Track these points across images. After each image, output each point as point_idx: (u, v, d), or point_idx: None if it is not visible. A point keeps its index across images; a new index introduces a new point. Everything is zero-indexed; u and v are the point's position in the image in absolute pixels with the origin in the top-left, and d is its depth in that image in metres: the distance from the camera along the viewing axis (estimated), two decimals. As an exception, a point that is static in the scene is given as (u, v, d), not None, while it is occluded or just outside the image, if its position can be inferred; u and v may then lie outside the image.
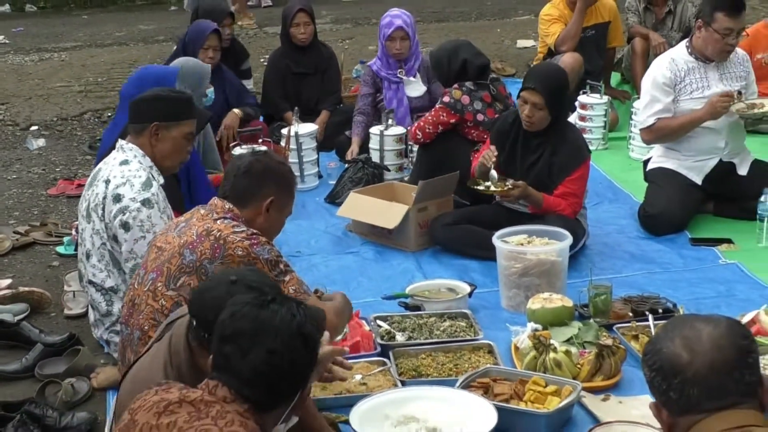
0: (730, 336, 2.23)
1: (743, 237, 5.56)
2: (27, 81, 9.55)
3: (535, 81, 5.21)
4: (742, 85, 5.78)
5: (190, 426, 2.34)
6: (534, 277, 4.74)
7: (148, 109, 4.36)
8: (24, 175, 7.32)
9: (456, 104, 5.87)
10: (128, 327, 3.72)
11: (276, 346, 2.42)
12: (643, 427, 3.73)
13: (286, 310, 2.49)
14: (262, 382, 2.42)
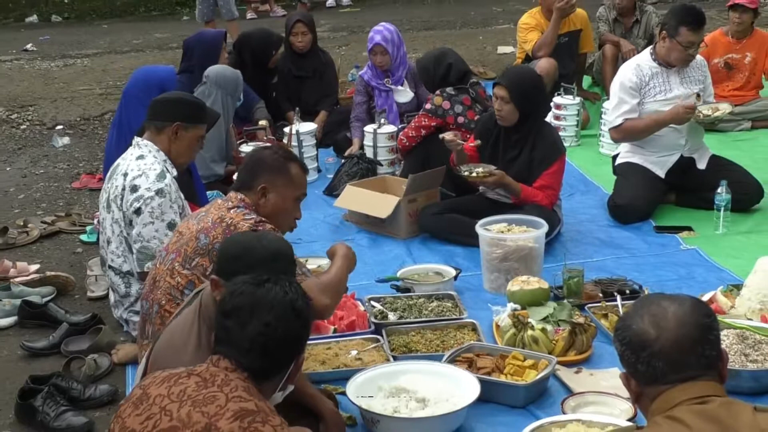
0: (694, 314, 2.23)
1: (702, 225, 5.56)
2: (53, 84, 9.53)
3: (502, 78, 5.35)
4: (700, 87, 5.79)
5: (199, 393, 2.36)
6: (513, 262, 4.74)
7: (173, 110, 4.39)
8: (50, 170, 7.31)
9: (437, 110, 5.90)
10: (148, 302, 3.72)
11: (270, 320, 2.48)
12: (611, 397, 3.74)
13: (280, 288, 2.55)
14: (259, 351, 2.47)
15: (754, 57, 7.39)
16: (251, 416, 2.31)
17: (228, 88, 5.92)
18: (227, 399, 2.34)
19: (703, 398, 2.16)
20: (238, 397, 2.35)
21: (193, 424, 2.30)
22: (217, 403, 2.33)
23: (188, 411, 2.33)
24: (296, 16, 7.63)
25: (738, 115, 7.18)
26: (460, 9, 12.02)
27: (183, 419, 2.32)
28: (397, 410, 3.58)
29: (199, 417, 2.31)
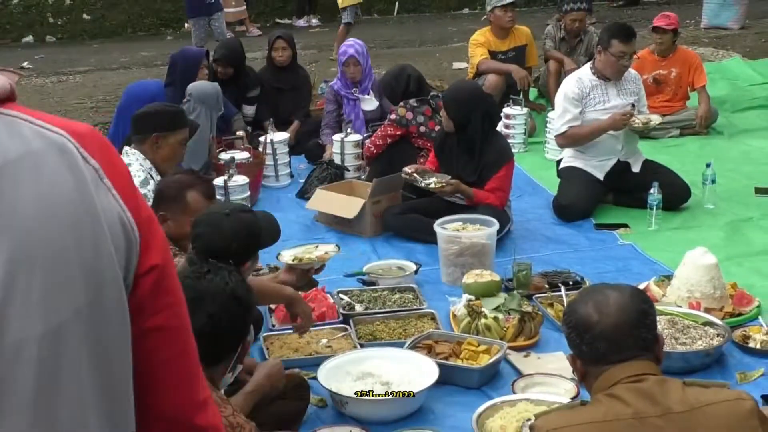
0: (633, 301, 2.25)
1: (637, 222, 5.58)
2: (47, 99, 9.43)
3: (445, 95, 5.48)
4: (635, 99, 5.83)
5: None
6: (468, 257, 4.74)
7: (149, 123, 4.37)
8: (45, 177, 7.21)
9: (401, 120, 5.92)
10: None
11: (215, 310, 2.42)
12: (557, 378, 3.76)
13: (220, 279, 2.49)
14: (206, 341, 2.35)
15: (679, 72, 7.45)
16: None
17: (210, 102, 5.87)
18: None
19: (639, 376, 2.17)
20: None
21: None
22: None
23: None
24: (277, 33, 7.64)
25: (668, 123, 7.24)
26: (419, 29, 12.04)
27: None
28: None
29: None
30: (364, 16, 12.00)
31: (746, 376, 3.84)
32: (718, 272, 4.35)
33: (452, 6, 13.11)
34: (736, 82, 8.53)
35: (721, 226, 5.55)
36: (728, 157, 6.76)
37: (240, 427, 2.28)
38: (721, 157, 6.59)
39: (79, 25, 12.68)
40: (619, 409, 2.13)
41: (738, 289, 4.45)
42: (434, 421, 3.55)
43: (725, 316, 4.21)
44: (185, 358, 1.36)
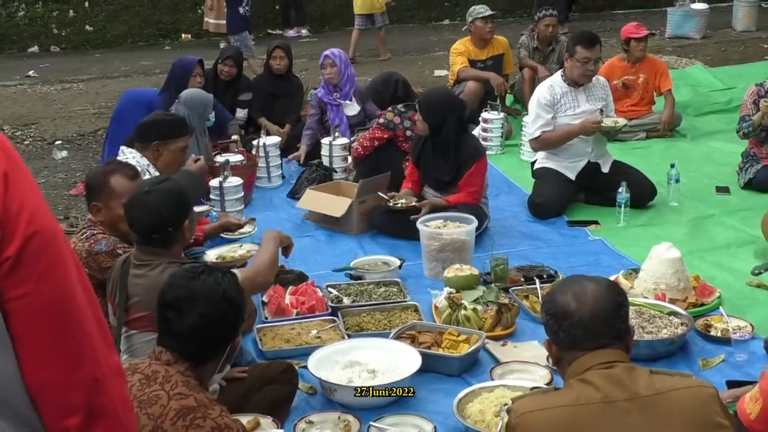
0: (609, 293, 2.26)
1: (606, 220, 5.59)
2: (52, 106, 9.39)
3: (419, 99, 5.46)
4: (603, 104, 5.84)
5: (143, 393, 2.26)
6: (449, 253, 4.74)
7: (150, 132, 4.40)
8: (50, 179, 7.19)
9: (389, 124, 5.91)
10: None
11: (207, 310, 2.39)
12: (532, 365, 3.77)
13: (213, 280, 2.45)
14: (197, 339, 2.37)
15: (646, 78, 7.47)
16: (192, 413, 2.21)
17: (197, 109, 5.77)
18: (169, 398, 2.23)
19: (610, 363, 2.18)
20: (179, 395, 2.24)
21: (141, 428, 2.20)
22: (160, 403, 2.23)
23: (136, 413, 2.21)
24: (276, 43, 7.65)
25: (635, 127, 7.28)
26: (403, 39, 12.03)
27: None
28: (351, 380, 3.58)
29: (146, 420, 2.21)
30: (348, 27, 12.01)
31: (708, 362, 3.85)
32: (681, 266, 4.37)
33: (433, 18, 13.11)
34: (698, 88, 8.57)
35: (685, 222, 5.57)
36: (691, 158, 6.79)
37: (227, 428, 2.24)
38: (684, 158, 6.62)
39: (81, 36, 12.61)
40: (590, 393, 2.14)
41: (700, 281, 4.47)
42: (417, 406, 3.55)
43: (688, 307, 4.23)
44: (55, 335, 1.38)
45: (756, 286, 4.53)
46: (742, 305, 4.36)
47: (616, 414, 2.10)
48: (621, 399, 2.12)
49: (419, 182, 5.46)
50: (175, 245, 3.11)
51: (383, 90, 6.09)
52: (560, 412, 2.13)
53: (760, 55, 9.50)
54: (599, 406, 2.11)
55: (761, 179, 6.02)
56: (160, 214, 3.00)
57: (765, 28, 10.44)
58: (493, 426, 3.19)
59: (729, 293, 4.47)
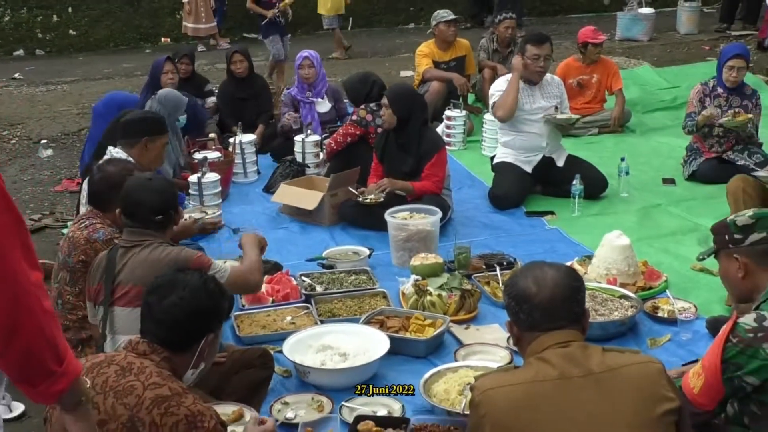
0: (567, 278, 2.27)
1: (562, 210, 5.62)
2: (38, 106, 9.25)
3: (386, 91, 5.45)
4: (558, 101, 5.86)
5: (119, 383, 2.22)
6: (415, 242, 4.74)
7: (139, 128, 4.30)
8: (36, 176, 7.09)
9: (362, 121, 5.89)
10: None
11: (185, 295, 2.38)
12: (493, 347, 3.78)
13: (198, 274, 2.50)
14: (171, 322, 2.36)
15: (599, 78, 7.51)
16: (166, 401, 2.18)
17: (168, 107, 5.65)
18: (144, 387, 2.20)
19: (566, 343, 2.19)
20: (154, 384, 2.21)
21: (118, 417, 2.17)
22: (136, 393, 2.19)
23: (112, 403, 2.19)
24: (234, 48, 7.63)
25: (588, 123, 7.32)
26: (371, 41, 12.00)
27: (109, 412, 2.18)
28: (324, 363, 3.58)
29: (122, 410, 2.18)
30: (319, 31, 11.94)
31: (656, 341, 3.89)
32: (631, 252, 4.40)
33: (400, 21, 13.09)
34: (646, 86, 8.62)
35: (634, 212, 5.61)
36: (640, 152, 6.84)
37: (200, 414, 2.21)
38: (633, 152, 6.67)
39: (66, 39, 12.44)
40: (547, 370, 2.15)
41: (648, 266, 4.51)
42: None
43: (638, 290, 4.27)
44: None
45: (699, 270, 4.58)
46: (686, 288, 4.41)
47: (571, 389, 2.12)
48: (576, 375, 2.13)
49: (384, 176, 5.44)
50: (169, 229, 3.22)
51: (360, 88, 6.07)
52: (520, 389, 2.14)
53: (702, 56, 9.58)
54: (556, 383, 2.13)
55: (704, 171, 6.08)
56: (163, 196, 3.16)
57: (706, 31, 10.54)
58: (458, 404, 3.20)
59: (675, 277, 4.52)
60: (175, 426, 2.17)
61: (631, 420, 2.10)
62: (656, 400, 2.13)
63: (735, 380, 2.57)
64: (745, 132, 6.02)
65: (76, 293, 3.53)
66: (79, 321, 3.54)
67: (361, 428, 3.07)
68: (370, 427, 3.07)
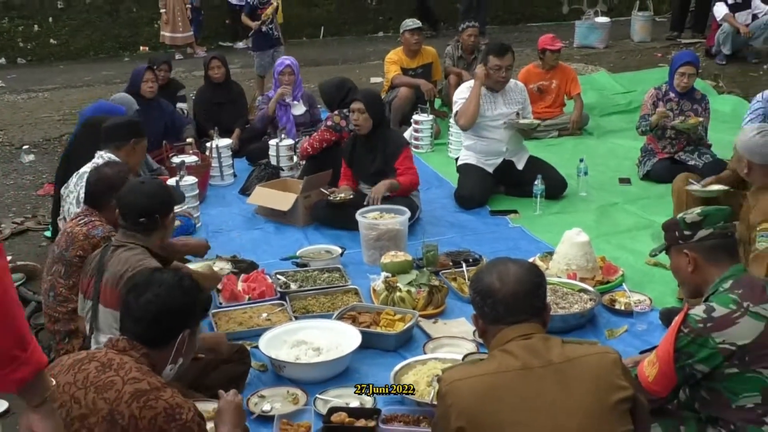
0: (529, 274, 2.28)
1: (524, 209, 5.64)
2: (19, 113, 9.11)
3: (358, 95, 5.39)
4: (520, 107, 5.88)
5: (99, 379, 2.20)
6: (385, 241, 4.74)
7: (126, 131, 4.30)
8: (19, 181, 6.98)
9: (336, 126, 5.87)
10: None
11: (160, 291, 2.36)
12: (460, 340, 3.79)
13: (173, 273, 2.47)
14: (149, 318, 2.33)
15: (558, 83, 7.56)
16: (145, 395, 2.16)
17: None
18: (123, 382, 2.17)
19: (528, 335, 2.21)
20: (133, 379, 2.18)
21: (98, 411, 2.15)
22: (115, 388, 2.17)
23: (93, 398, 2.17)
24: (212, 54, 7.62)
25: (548, 126, 7.37)
26: (341, 49, 11.97)
27: (90, 406, 2.16)
28: (299, 358, 3.57)
29: (103, 404, 2.15)
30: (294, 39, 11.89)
31: (613, 332, 3.93)
32: (590, 248, 4.44)
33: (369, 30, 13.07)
34: (602, 91, 8.70)
35: (593, 210, 5.65)
36: (597, 153, 6.89)
37: (179, 407, 2.19)
38: (591, 153, 6.72)
39: (46, 48, 12.27)
40: (510, 361, 2.16)
41: (606, 261, 4.55)
42: (359, 379, 3.54)
43: (596, 284, 4.30)
44: None
45: (653, 265, 4.63)
46: (641, 282, 4.45)
47: (532, 379, 2.13)
48: (537, 366, 2.15)
49: (354, 179, 5.46)
50: (155, 234, 3.20)
51: (335, 93, 6.07)
52: (484, 380, 2.15)
53: (655, 63, 9.69)
54: (518, 373, 2.14)
55: (657, 171, 6.15)
56: (151, 200, 3.15)
57: (658, 39, 10.64)
58: (426, 394, 3.20)
59: (631, 272, 4.56)
60: (154, 419, 2.15)
61: (589, 407, 2.11)
62: (612, 389, 2.15)
63: (686, 368, 2.60)
64: (695, 134, 6.10)
65: (69, 286, 3.52)
66: (68, 313, 3.53)
67: (334, 419, 3.07)
68: (343, 418, 3.07)
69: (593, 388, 2.13)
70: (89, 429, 2.15)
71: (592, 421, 2.10)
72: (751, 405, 2.56)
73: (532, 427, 2.08)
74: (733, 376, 2.55)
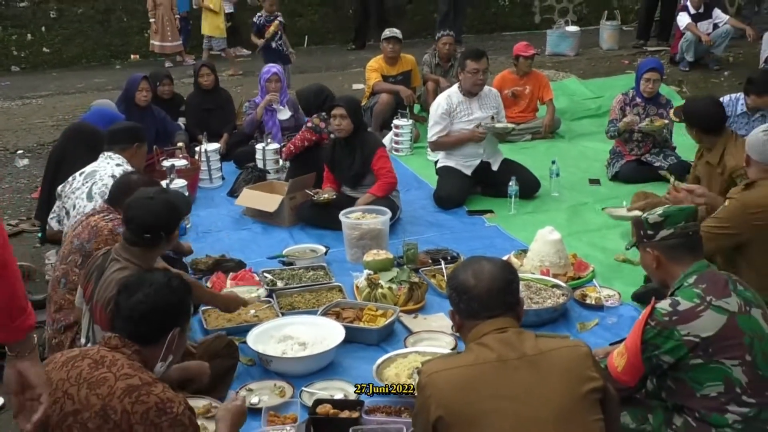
0: (502, 272, 2.29)
1: (500, 209, 5.66)
2: (14, 119, 9.01)
3: (339, 101, 5.37)
4: (495, 111, 5.90)
5: (92, 375, 2.18)
6: (367, 240, 4.74)
7: (131, 135, 4.35)
8: (14, 184, 6.91)
9: (316, 128, 5.86)
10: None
11: (150, 292, 2.34)
12: (439, 334, 3.80)
13: (162, 274, 2.45)
14: (138, 317, 2.31)
15: (531, 89, 7.59)
16: (137, 390, 2.14)
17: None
18: (116, 378, 2.16)
19: (503, 329, 2.22)
20: (125, 375, 2.17)
21: (91, 406, 2.13)
22: (108, 384, 2.15)
23: (86, 394, 2.15)
24: (201, 62, 7.60)
25: (522, 130, 7.39)
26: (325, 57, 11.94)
27: (83, 402, 2.15)
28: (285, 352, 3.56)
29: (95, 400, 2.14)
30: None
31: (585, 325, 3.95)
32: (562, 246, 4.46)
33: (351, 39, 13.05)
34: (573, 97, 8.73)
35: (564, 209, 5.68)
36: (569, 155, 6.92)
37: (170, 401, 2.17)
38: (563, 155, 6.75)
39: (39, 57, 12.14)
40: (486, 354, 2.17)
41: (577, 258, 4.57)
42: (343, 372, 3.55)
43: (568, 280, 4.32)
44: None
45: (622, 261, 4.66)
46: (611, 278, 4.48)
47: (508, 371, 2.14)
48: (512, 358, 2.16)
49: (336, 182, 5.46)
50: (157, 250, 3.07)
51: (314, 99, 6.09)
52: (462, 371, 2.16)
53: (622, 69, 9.74)
54: (494, 365, 2.15)
55: (625, 172, 6.20)
56: (158, 218, 2.99)
57: (625, 47, 10.70)
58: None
59: (601, 268, 4.58)
60: (146, 413, 2.13)
61: (561, 397, 2.13)
62: (582, 380, 2.17)
63: (653, 359, 2.62)
64: (660, 136, 6.15)
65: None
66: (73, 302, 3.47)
67: (319, 411, 3.07)
68: (328, 409, 3.07)
69: (565, 379, 2.15)
70: (82, 424, 2.14)
71: (564, 410, 2.11)
72: (715, 394, 2.58)
73: (507, 416, 2.09)
74: (698, 366, 2.57)
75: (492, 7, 13.10)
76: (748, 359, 2.56)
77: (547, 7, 13.25)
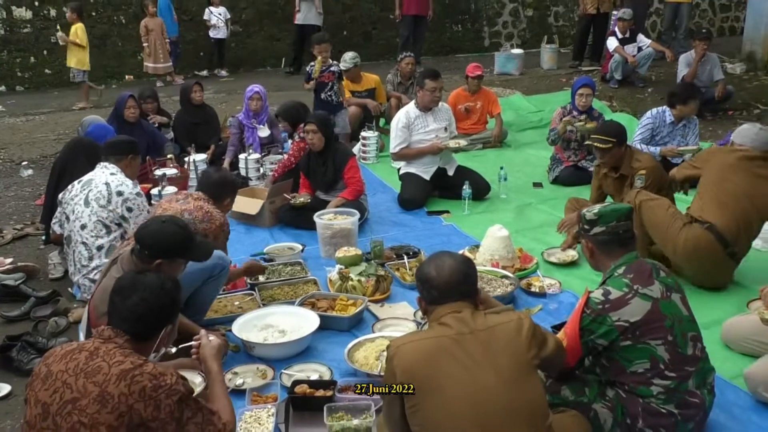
0: (460, 266, 2.36)
1: (455, 209, 5.67)
2: (19, 134, 8.83)
3: (311, 118, 5.34)
4: (447, 124, 5.92)
5: (88, 366, 2.15)
6: (339, 238, 4.73)
7: (126, 147, 4.31)
8: (19, 192, 6.76)
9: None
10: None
11: (146, 295, 2.30)
12: (403, 320, 3.80)
13: (156, 276, 2.39)
14: (135, 317, 2.28)
15: (482, 104, 7.64)
16: (130, 373, 2.12)
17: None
18: (109, 366, 2.13)
19: (459, 311, 2.30)
20: (117, 362, 2.14)
21: (89, 393, 2.10)
22: (103, 372, 2.12)
23: (83, 383, 2.12)
24: (194, 81, 7.55)
25: (474, 140, 7.42)
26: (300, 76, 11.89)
27: (81, 390, 2.12)
28: (267, 339, 3.53)
29: (93, 387, 2.11)
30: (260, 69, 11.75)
31: (530, 311, 3.98)
32: (509, 241, 4.49)
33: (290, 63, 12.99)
34: (518, 111, 8.80)
35: (511, 209, 5.71)
36: (515, 162, 6.97)
37: (161, 375, 2.16)
38: (510, 162, 6.80)
39: (42, 77, 11.92)
40: (446, 330, 2.25)
41: (523, 252, 4.60)
42: (318, 355, 3.54)
43: (515, 271, 4.36)
44: None
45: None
46: (552, 268, 4.52)
47: (463, 343, 2.22)
48: (466, 333, 2.23)
49: (311, 188, 5.43)
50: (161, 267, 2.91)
51: (295, 114, 6.13)
52: (426, 343, 2.24)
53: (561, 87, 9.84)
54: (452, 338, 2.22)
55: (564, 176, 6.27)
56: (170, 246, 2.88)
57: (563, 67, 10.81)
58: (375, 367, 3.21)
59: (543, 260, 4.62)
60: (143, 391, 2.12)
61: (507, 364, 2.20)
62: (524, 349, 2.24)
63: (589, 343, 2.65)
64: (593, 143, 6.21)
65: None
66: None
67: (297, 390, 3.05)
68: (305, 389, 3.05)
69: (509, 350, 2.22)
70: (81, 410, 2.11)
71: (510, 374, 2.19)
72: (642, 370, 2.63)
73: (461, 380, 2.16)
74: (627, 347, 2.62)
75: (447, 32, 13.19)
76: (670, 339, 2.61)
77: (495, 33, 13.38)
